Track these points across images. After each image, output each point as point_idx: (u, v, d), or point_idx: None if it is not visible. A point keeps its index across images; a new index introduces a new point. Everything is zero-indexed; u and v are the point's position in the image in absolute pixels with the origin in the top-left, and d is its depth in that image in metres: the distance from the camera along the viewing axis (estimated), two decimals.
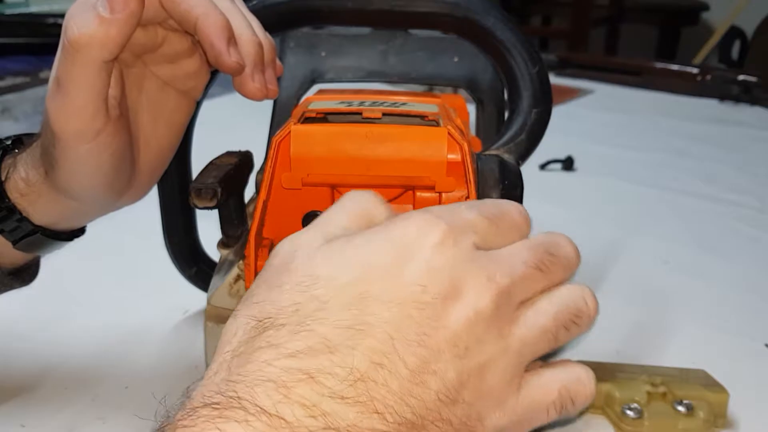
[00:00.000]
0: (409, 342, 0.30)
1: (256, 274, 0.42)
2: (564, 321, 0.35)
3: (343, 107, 0.46)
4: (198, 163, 0.54)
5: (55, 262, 0.54)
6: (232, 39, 0.40)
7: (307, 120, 0.45)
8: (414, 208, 0.44)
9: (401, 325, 0.30)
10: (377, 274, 0.31)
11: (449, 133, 0.42)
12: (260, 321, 0.31)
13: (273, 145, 0.43)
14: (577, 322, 0.36)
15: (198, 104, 0.54)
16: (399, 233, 0.33)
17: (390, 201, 0.45)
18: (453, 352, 0.31)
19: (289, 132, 0.43)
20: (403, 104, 0.47)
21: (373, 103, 0.47)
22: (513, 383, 0.33)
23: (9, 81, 1.37)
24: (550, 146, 0.49)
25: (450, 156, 0.42)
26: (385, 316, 0.30)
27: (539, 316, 0.34)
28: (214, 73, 0.47)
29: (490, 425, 0.32)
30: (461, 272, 0.32)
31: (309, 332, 0.30)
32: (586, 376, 0.37)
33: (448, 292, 0.32)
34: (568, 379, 0.36)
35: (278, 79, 0.61)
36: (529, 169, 0.43)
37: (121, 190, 0.45)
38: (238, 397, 0.28)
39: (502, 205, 0.36)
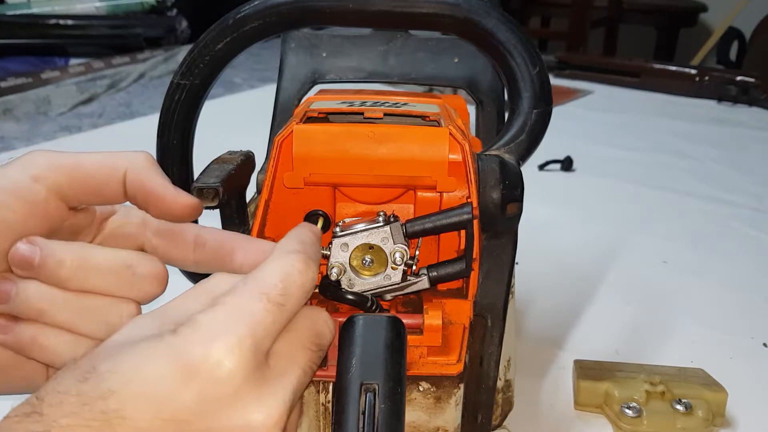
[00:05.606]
0: None
1: None
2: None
3: (344, 107, 0.47)
4: (199, 162, 0.54)
5: None
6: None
7: (309, 120, 0.46)
8: (415, 207, 0.45)
9: None
10: (142, 395, 0.29)
11: (451, 134, 0.43)
12: (37, 397, 0.29)
13: (275, 145, 0.43)
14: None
15: (200, 104, 0.54)
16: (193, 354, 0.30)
17: (391, 200, 0.45)
18: None
19: (292, 131, 0.43)
20: (405, 104, 0.48)
21: (375, 104, 0.47)
22: None
23: (11, 82, 1.37)
24: (549, 147, 0.49)
25: (451, 156, 0.43)
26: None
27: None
28: None
29: None
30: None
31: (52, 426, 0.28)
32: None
33: None
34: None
35: (279, 79, 0.61)
36: (528, 170, 0.43)
37: None
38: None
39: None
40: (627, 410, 0.55)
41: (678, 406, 0.55)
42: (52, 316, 0.36)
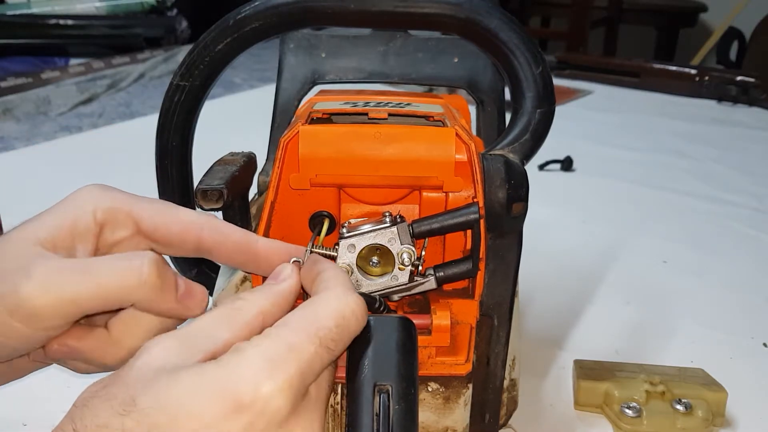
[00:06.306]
0: None
1: None
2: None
3: (348, 108, 0.47)
4: (198, 163, 0.54)
5: None
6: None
7: (313, 121, 0.46)
8: (420, 207, 0.45)
9: None
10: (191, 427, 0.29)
11: (457, 134, 0.43)
12: (75, 429, 0.30)
13: (281, 146, 0.43)
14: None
15: (200, 106, 0.54)
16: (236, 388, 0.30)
17: (397, 201, 0.45)
18: None
19: (298, 132, 0.43)
20: (408, 105, 0.48)
21: (379, 104, 0.47)
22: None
23: (11, 82, 1.37)
24: (549, 147, 0.49)
25: (457, 156, 0.43)
26: None
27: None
28: None
29: None
30: None
31: None
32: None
33: None
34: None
35: (279, 80, 0.61)
36: (528, 170, 0.43)
37: None
38: None
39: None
40: (627, 410, 0.55)
41: (678, 406, 0.55)
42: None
